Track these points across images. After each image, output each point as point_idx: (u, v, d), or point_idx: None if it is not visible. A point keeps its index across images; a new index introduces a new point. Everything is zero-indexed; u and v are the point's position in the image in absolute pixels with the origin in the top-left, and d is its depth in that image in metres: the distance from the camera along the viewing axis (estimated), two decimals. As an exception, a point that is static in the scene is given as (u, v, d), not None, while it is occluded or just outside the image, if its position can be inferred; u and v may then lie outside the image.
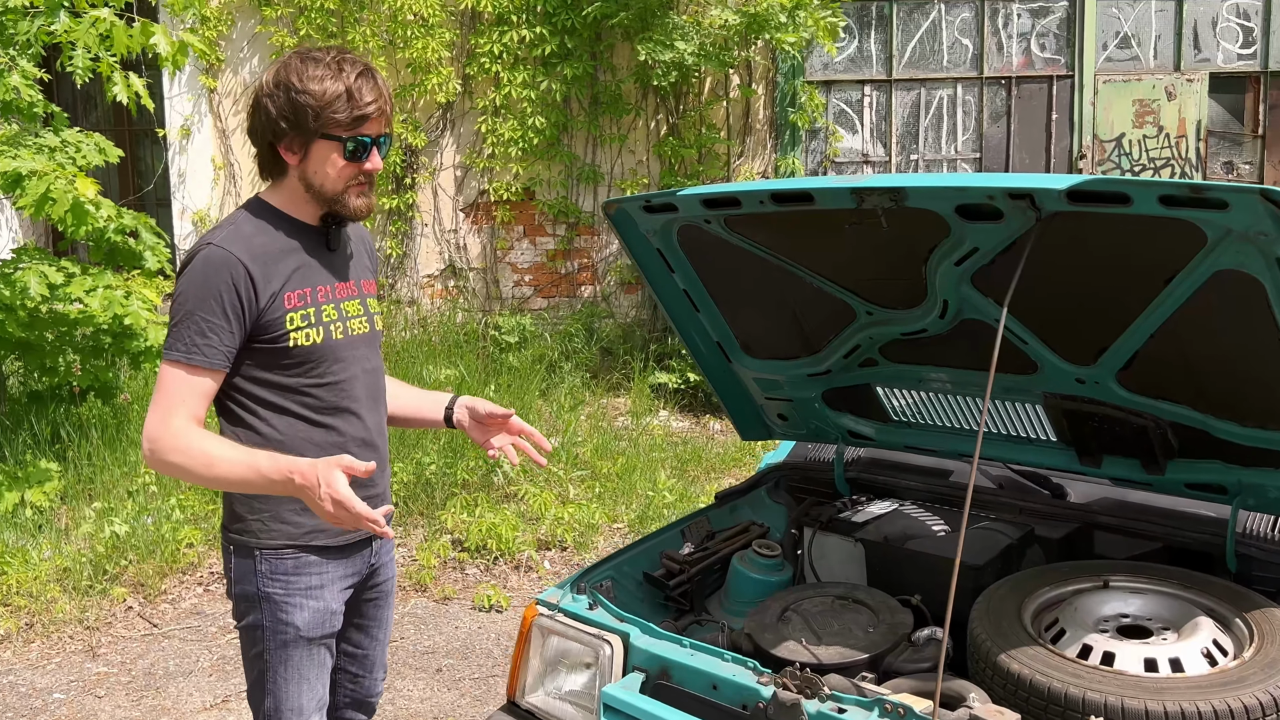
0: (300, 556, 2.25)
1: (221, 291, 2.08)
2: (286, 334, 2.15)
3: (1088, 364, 2.26)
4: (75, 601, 4.86)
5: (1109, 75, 8.71)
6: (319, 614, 2.28)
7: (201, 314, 2.08)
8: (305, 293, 2.19)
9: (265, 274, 2.13)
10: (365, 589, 2.45)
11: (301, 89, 2.06)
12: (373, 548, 2.40)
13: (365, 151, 2.14)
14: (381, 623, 2.52)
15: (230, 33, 8.28)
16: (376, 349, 2.37)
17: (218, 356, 2.10)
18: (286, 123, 2.09)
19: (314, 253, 2.23)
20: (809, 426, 2.92)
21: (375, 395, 2.35)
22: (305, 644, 2.28)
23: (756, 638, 2.27)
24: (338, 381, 2.24)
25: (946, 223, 2.09)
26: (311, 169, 2.14)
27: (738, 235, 2.42)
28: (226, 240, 2.13)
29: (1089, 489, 2.65)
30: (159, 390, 2.11)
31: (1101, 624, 2.16)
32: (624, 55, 8.25)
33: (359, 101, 2.08)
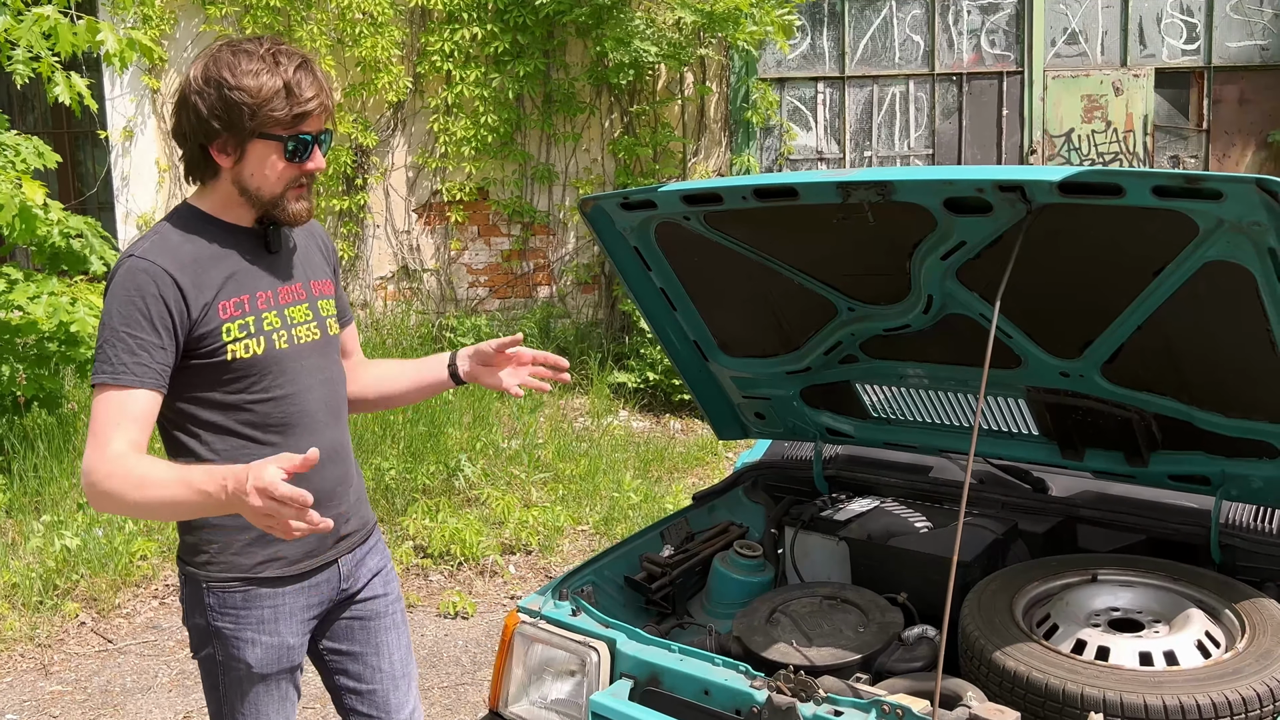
0: (249, 590, 2.09)
1: (148, 305, 1.90)
2: (224, 346, 1.98)
3: (1072, 357, 2.25)
4: (25, 618, 4.71)
5: (1058, 71, 8.82)
6: (272, 650, 2.12)
7: (128, 331, 1.90)
8: (243, 300, 2.01)
9: (195, 283, 1.96)
10: (343, 614, 2.27)
11: (235, 85, 1.89)
12: (340, 571, 2.21)
13: (306, 151, 1.98)
14: (379, 649, 2.31)
15: (173, 32, 8.09)
16: (332, 357, 2.19)
17: (150, 376, 1.91)
18: (219, 122, 1.91)
19: (251, 257, 2.06)
20: (786, 425, 2.89)
21: (333, 408, 2.17)
22: (260, 679, 2.13)
23: (746, 640, 2.23)
24: (284, 395, 2.06)
25: (934, 216, 2.06)
26: (248, 171, 1.97)
27: (718, 232, 2.38)
28: (150, 251, 1.95)
29: (1070, 482, 2.64)
30: (93, 421, 1.91)
31: (1093, 618, 2.15)
32: (577, 52, 8.19)
33: (299, 97, 1.92)
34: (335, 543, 2.19)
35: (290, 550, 2.10)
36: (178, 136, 2.01)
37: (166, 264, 1.94)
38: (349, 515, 2.21)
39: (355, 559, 2.26)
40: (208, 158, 1.99)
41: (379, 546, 2.35)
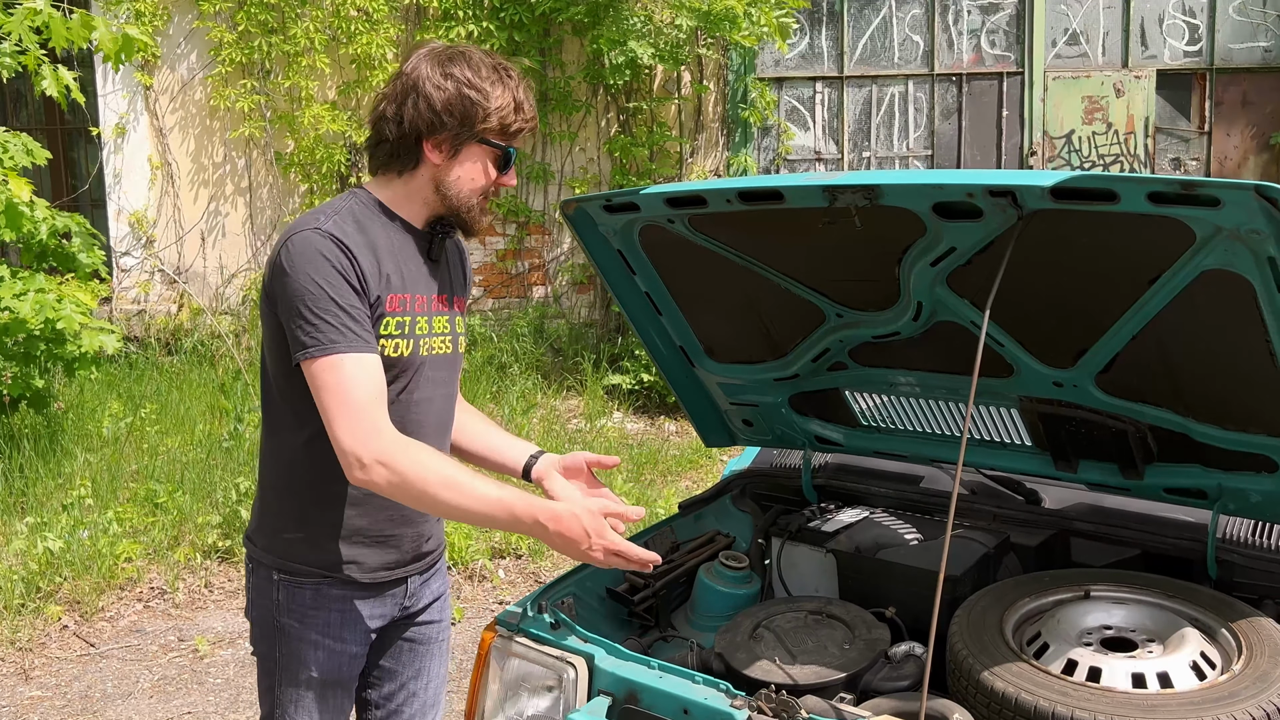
0: (321, 588, 2.05)
1: (345, 271, 1.88)
2: (379, 339, 1.95)
3: (1066, 367, 2.18)
4: (6, 622, 4.64)
5: (1058, 72, 8.75)
6: (335, 655, 2.09)
7: (333, 295, 1.86)
8: (405, 299, 2.00)
9: (369, 265, 1.93)
10: (399, 632, 2.24)
11: (475, 87, 1.93)
12: (407, 589, 2.18)
13: (509, 164, 2.04)
14: (420, 673, 2.27)
15: (166, 28, 8.03)
16: (456, 374, 2.18)
17: (374, 342, 1.92)
18: (451, 118, 1.93)
19: (414, 258, 2.05)
20: (775, 432, 2.83)
21: (443, 423, 2.15)
22: (319, 685, 2.09)
23: (728, 657, 2.17)
24: (412, 401, 2.03)
25: (923, 221, 2.00)
26: (455, 173, 1.99)
27: (702, 235, 2.31)
28: (327, 224, 1.92)
29: (1063, 494, 2.57)
30: (335, 395, 1.83)
31: (1085, 636, 2.08)
32: (573, 51, 8.13)
33: (525, 114, 1.99)
34: (413, 559, 2.18)
35: (370, 558, 2.08)
36: (392, 123, 1.97)
37: (350, 243, 1.92)
38: (428, 533, 2.19)
39: (422, 580, 2.24)
40: (418, 151, 1.98)
41: (443, 569, 2.34)
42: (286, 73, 7.95)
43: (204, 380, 7.27)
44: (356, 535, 2.05)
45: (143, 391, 7.08)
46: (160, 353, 7.78)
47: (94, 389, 6.79)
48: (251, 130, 7.98)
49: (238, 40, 7.88)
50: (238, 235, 8.26)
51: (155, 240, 8.17)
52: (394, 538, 2.11)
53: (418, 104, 1.94)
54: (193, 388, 7.13)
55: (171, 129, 8.16)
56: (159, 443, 6.18)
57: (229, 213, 8.24)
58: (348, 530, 2.04)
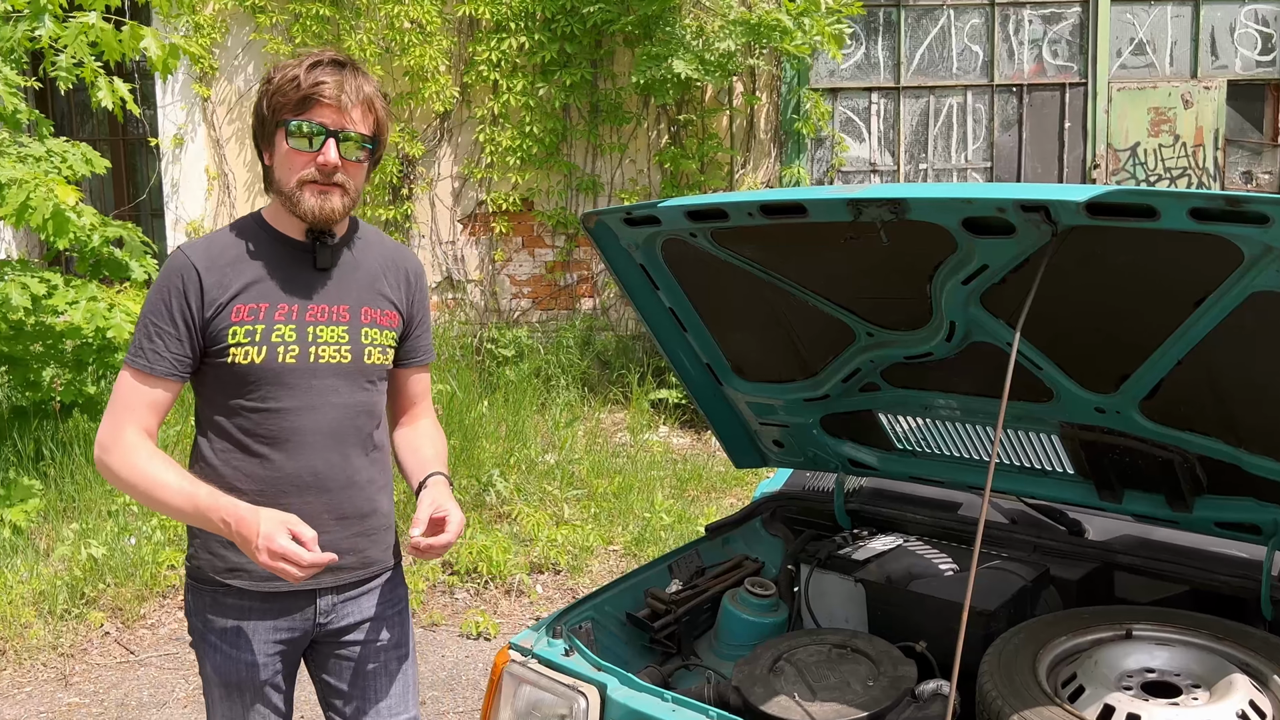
0: (217, 595, 2.10)
1: (171, 296, 2.01)
2: (228, 349, 2.01)
3: (1108, 392, 2.06)
4: (50, 627, 4.68)
5: (1123, 83, 8.51)
6: (230, 661, 2.10)
7: (152, 318, 2.02)
8: (258, 308, 2.03)
9: (218, 281, 2.01)
10: (333, 647, 2.21)
11: (267, 80, 2.01)
12: (318, 606, 2.14)
13: (316, 141, 1.96)
14: (369, 696, 2.22)
15: (224, 40, 8.13)
16: (358, 383, 2.11)
17: (162, 364, 2.00)
18: (256, 117, 2.04)
19: (288, 269, 2.06)
20: (806, 454, 2.73)
21: (341, 434, 2.10)
22: (222, 686, 2.13)
23: (746, 691, 2.07)
24: (280, 409, 2.04)
25: (953, 237, 1.90)
26: (275, 165, 2.03)
27: (726, 250, 2.23)
28: (192, 246, 2.06)
29: (1109, 525, 2.44)
30: (113, 396, 2.04)
31: (1125, 680, 1.95)
32: (624, 62, 8.08)
33: (307, 81, 1.94)
34: (318, 574, 2.02)
35: (257, 567, 2.03)
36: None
37: (198, 260, 2.02)
38: (342, 549, 2.08)
39: (340, 597, 2.17)
40: (264, 163, 2.08)
41: (383, 592, 2.23)
42: (340, 84, 8.00)
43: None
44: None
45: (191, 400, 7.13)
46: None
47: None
48: (306, 141, 8.04)
49: (294, 52, 7.94)
50: (291, 245, 8.32)
51: (210, 250, 8.27)
52: None
53: (252, 123, 2.09)
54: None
55: (228, 139, 8.25)
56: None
57: (283, 223, 8.31)
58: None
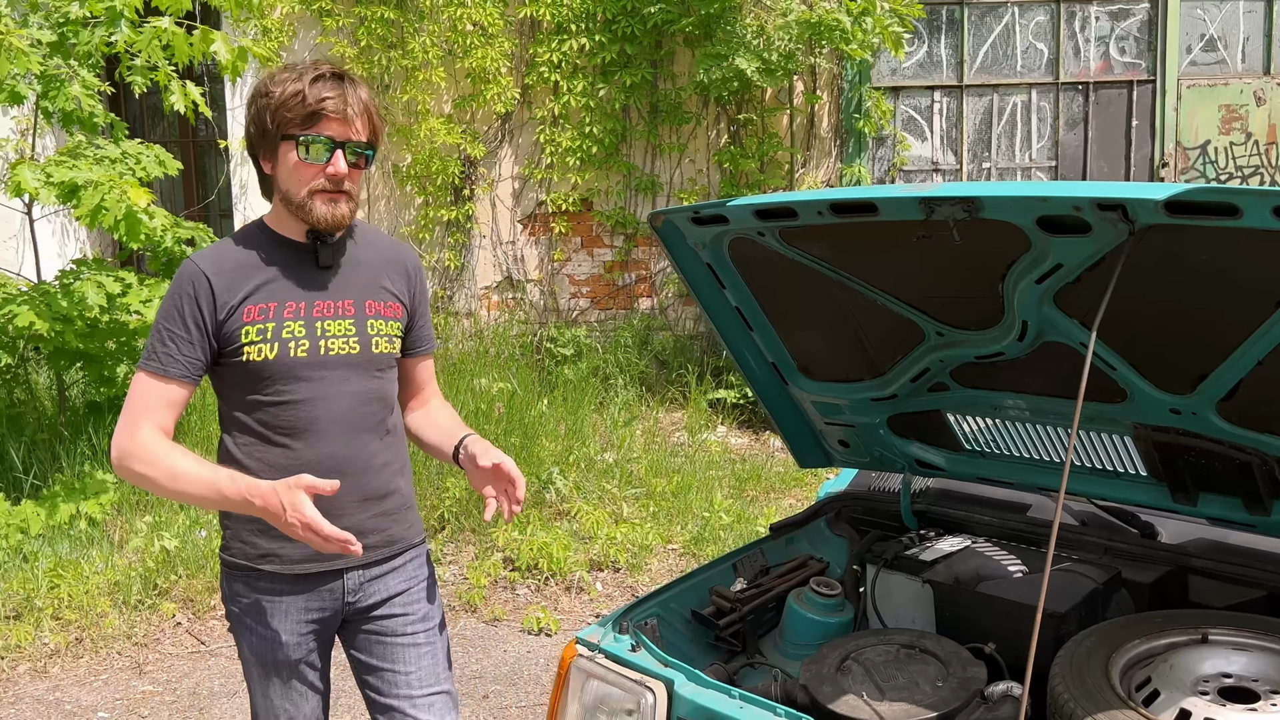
0: (250, 579, 2.22)
1: (184, 301, 2.11)
2: (242, 348, 2.12)
3: (1184, 393, 2.03)
4: (124, 617, 4.81)
5: (1193, 80, 8.34)
6: (265, 641, 2.23)
7: (165, 324, 2.11)
8: (268, 307, 2.14)
9: (228, 285, 2.12)
10: (362, 624, 2.32)
11: (264, 94, 2.09)
12: (345, 585, 2.25)
13: (324, 154, 2.08)
14: (401, 669, 2.31)
15: (292, 43, 8.27)
16: (368, 372, 2.23)
17: (176, 366, 2.10)
18: (256, 130, 2.12)
19: (293, 269, 2.18)
20: (872, 454, 2.72)
21: (354, 421, 2.20)
22: (259, 665, 2.25)
23: (813, 690, 2.07)
24: (297, 401, 2.14)
25: (1026, 236, 1.88)
26: (280, 175, 2.13)
27: (794, 249, 2.23)
28: (201, 254, 2.17)
29: (1182, 528, 2.41)
30: (128, 399, 2.11)
31: (1200, 685, 1.92)
32: (684, 62, 8.09)
33: (311, 97, 2.05)
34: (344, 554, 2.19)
35: (290, 551, 2.19)
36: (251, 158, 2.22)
37: (207, 266, 2.13)
38: (365, 529, 2.19)
39: (367, 575, 2.28)
40: (262, 171, 2.19)
41: (408, 569, 2.34)
42: (404, 87, 8.11)
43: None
44: (272, 529, 2.12)
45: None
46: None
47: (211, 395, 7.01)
48: (370, 143, 8.16)
49: (359, 55, 8.07)
50: (355, 245, 8.45)
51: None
52: None
53: (246, 132, 2.18)
54: (308, 393, 7.30)
55: (294, 142, 8.39)
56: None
57: (348, 223, 8.44)
58: (263, 524, 2.12)
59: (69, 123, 5.98)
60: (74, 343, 5.74)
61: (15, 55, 5.18)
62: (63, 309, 5.49)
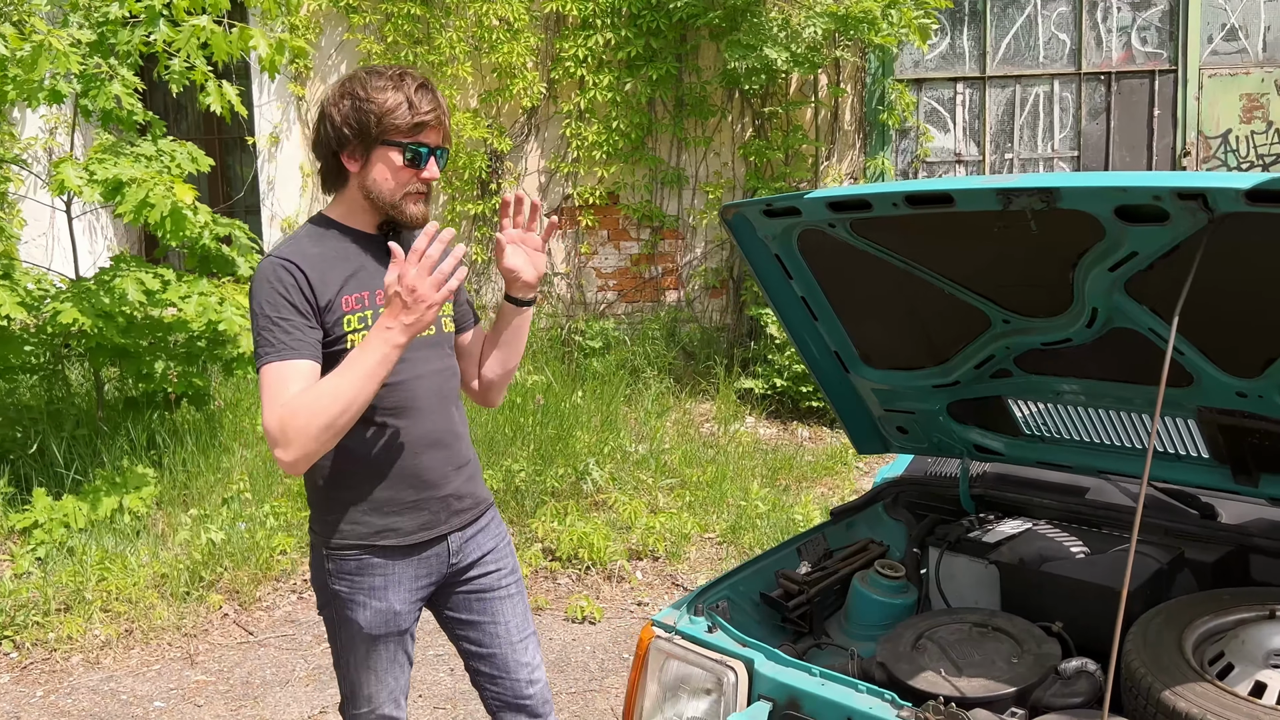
0: (364, 558, 2.32)
1: (290, 293, 2.17)
2: (344, 336, 2.22)
3: (1252, 376, 2.09)
4: (173, 608, 4.89)
5: (1214, 69, 8.37)
6: (381, 614, 2.35)
7: (276, 316, 2.16)
8: (363, 296, 2.26)
9: (321, 277, 2.21)
10: (460, 586, 2.47)
11: (366, 98, 2.18)
12: (449, 547, 2.41)
13: (423, 160, 2.23)
14: (496, 617, 2.50)
15: (319, 40, 8.34)
16: (444, 350, 2.41)
17: (306, 348, 2.17)
18: (350, 130, 2.20)
19: (373, 259, 2.30)
20: (931, 440, 2.78)
21: (444, 395, 2.39)
22: (370, 639, 2.36)
23: (891, 667, 2.14)
24: (396, 382, 2.26)
25: (1102, 225, 1.94)
26: (371, 176, 2.24)
27: (865, 240, 2.29)
28: (284, 250, 2.24)
29: (1242, 509, 2.46)
30: (266, 396, 2.14)
31: (1273, 658, 1.98)
32: (709, 56, 8.14)
33: (418, 109, 2.18)
34: (448, 518, 2.40)
35: (405, 523, 2.33)
36: (316, 148, 2.31)
37: (297, 259, 2.21)
38: (461, 493, 2.41)
39: (465, 536, 2.45)
40: (339, 166, 2.27)
41: (492, 527, 2.53)
42: (431, 82, 8.17)
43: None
44: (386, 505, 2.30)
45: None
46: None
47: (249, 388, 7.09)
48: (397, 138, 8.23)
49: (385, 51, 8.13)
50: (382, 240, 8.53)
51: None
52: (420, 501, 2.34)
53: (326, 127, 2.25)
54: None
55: (322, 138, 8.46)
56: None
57: (375, 219, 8.51)
58: (375, 503, 2.30)
59: (108, 121, 6.05)
60: (115, 338, 5.81)
61: (56, 56, 5.25)
62: (104, 305, 5.57)
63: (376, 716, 2.44)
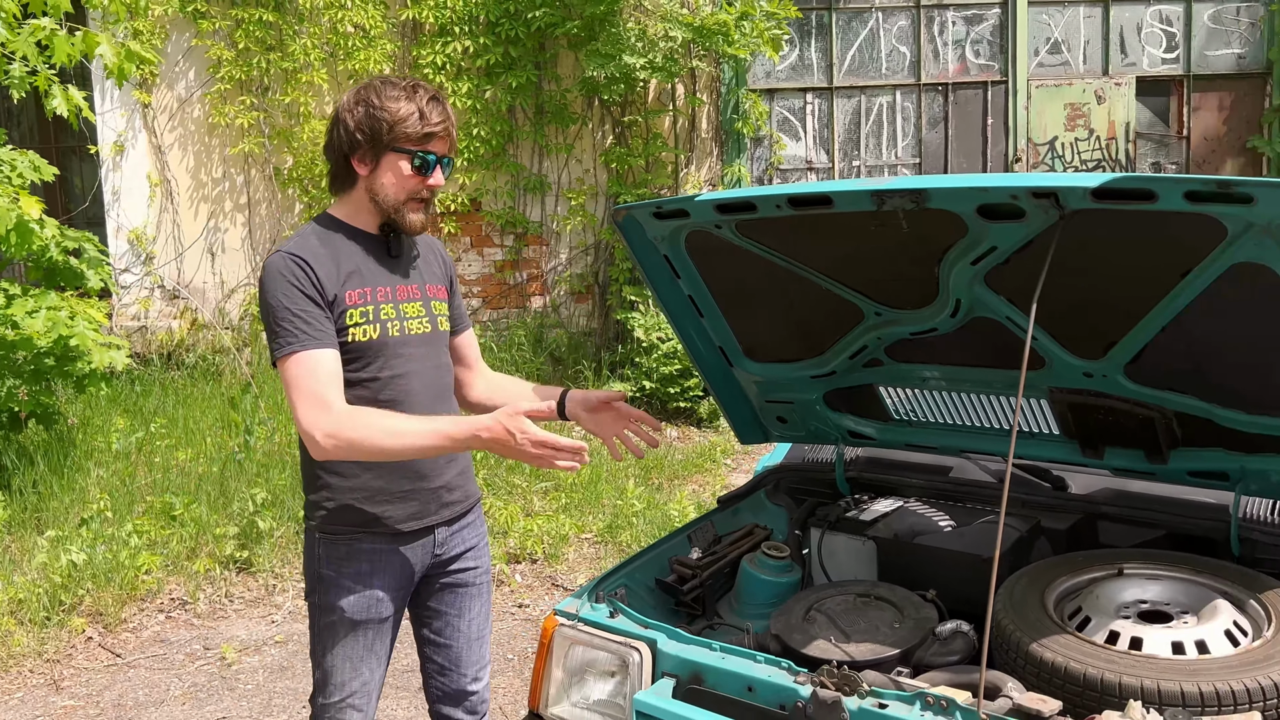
0: (354, 544, 2.40)
1: (300, 283, 2.26)
2: (347, 329, 2.32)
3: (1096, 358, 2.31)
4: (32, 634, 4.70)
5: (1041, 80, 8.95)
6: (365, 598, 2.42)
7: (296, 306, 2.25)
8: (365, 291, 2.36)
9: (328, 272, 2.31)
10: (440, 577, 2.57)
11: (380, 106, 2.29)
12: (435, 538, 2.50)
13: (430, 167, 2.35)
14: (463, 613, 2.60)
15: (164, 46, 8.09)
16: (439, 348, 2.51)
17: (327, 338, 2.27)
18: (363, 135, 2.31)
19: (374, 257, 2.40)
20: (809, 428, 2.95)
21: (437, 390, 2.48)
22: (351, 625, 2.42)
23: (785, 638, 2.28)
24: (393, 376, 2.37)
25: (965, 223, 2.12)
26: (379, 180, 2.34)
27: (749, 240, 2.43)
28: (289, 246, 2.33)
29: (1089, 480, 2.71)
30: (293, 386, 2.23)
31: (1123, 610, 2.21)
32: (568, 65, 8.26)
33: (429, 120, 2.31)
34: (437, 509, 2.48)
35: (396, 512, 2.42)
36: (327, 150, 2.41)
37: (304, 254, 2.30)
38: (452, 486, 2.51)
39: (451, 530, 2.54)
40: (349, 168, 2.37)
41: (477, 523, 2.64)
42: (285, 89, 8.03)
43: (210, 394, 7.33)
44: (380, 495, 2.39)
45: (149, 406, 7.13)
46: (162, 368, 7.82)
47: (100, 405, 6.84)
48: (250, 146, 8.05)
49: (237, 58, 7.96)
50: (237, 250, 8.33)
51: (155, 257, 8.22)
52: (412, 492, 2.43)
53: (339, 130, 2.36)
54: (199, 402, 7.18)
55: (170, 146, 8.22)
56: (170, 457, 6.24)
57: (228, 228, 8.30)
58: (370, 491, 2.38)
59: (-59, 129, 5.76)
60: (-46, 357, 5.54)
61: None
62: (-56, 322, 5.30)
63: (346, 705, 2.47)
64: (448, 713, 2.64)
